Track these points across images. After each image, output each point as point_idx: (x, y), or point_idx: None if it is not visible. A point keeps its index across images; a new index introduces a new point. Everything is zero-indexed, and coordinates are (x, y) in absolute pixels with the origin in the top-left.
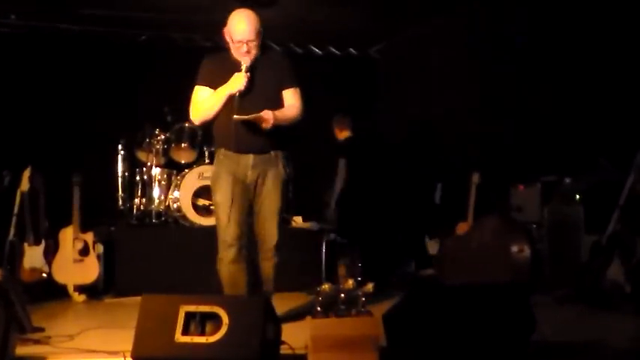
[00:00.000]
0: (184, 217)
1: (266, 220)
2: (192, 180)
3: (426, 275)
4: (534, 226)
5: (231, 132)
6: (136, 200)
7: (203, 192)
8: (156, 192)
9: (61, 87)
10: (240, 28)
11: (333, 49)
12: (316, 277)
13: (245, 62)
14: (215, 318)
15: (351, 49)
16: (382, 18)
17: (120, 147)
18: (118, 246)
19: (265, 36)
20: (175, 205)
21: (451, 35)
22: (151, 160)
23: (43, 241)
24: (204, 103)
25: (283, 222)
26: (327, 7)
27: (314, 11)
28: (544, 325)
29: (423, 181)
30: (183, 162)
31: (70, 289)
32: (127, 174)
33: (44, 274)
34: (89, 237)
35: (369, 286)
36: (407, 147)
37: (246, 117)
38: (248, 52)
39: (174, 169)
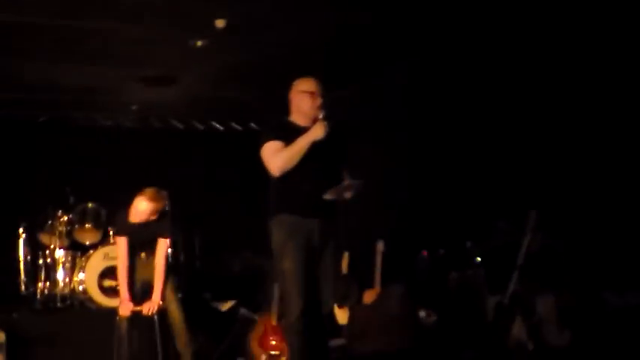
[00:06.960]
0: (91, 299)
1: (322, 287)
2: (97, 261)
3: (336, 345)
4: (440, 290)
5: (303, 194)
6: (40, 284)
7: (109, 273)
8: (60, 275)
9: None
10: (313, 82)
11: (235, 125)
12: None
13: (321, 114)
14: None
15: (252, 124)
16: (283, 93)
17: (21, 230)
18: (21, 333)
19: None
20: (81, 288)
21: (351, 109)
22: (54, 242)
23: None
24: (287, 151)
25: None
26: (227, 83)
27: (215, 88)
28: None
29: None
30: (87, 243)
31: None
32: (28, 258)
33: None
34: None
35: None
36: None
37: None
38: (319, 106)
39: (78, 250)
